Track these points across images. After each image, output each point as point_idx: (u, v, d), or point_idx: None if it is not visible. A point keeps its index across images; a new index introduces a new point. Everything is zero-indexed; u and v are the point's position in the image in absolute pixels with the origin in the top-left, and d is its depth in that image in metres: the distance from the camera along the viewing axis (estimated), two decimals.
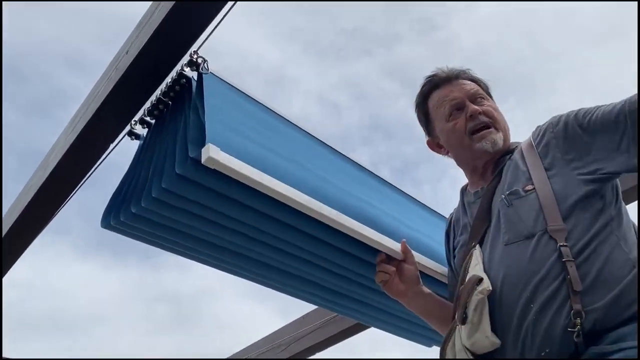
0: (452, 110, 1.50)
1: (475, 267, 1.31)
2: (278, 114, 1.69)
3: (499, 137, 1.45)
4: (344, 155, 1.84)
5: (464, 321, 1.24)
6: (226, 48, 1.57)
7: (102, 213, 1.63)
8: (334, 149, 1.82)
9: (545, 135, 1.36)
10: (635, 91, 1.19)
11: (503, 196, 1.35)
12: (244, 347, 3.48)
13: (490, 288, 1.23)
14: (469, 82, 1.54)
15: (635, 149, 1.17)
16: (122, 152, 1.90)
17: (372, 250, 1.66)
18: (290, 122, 1.72)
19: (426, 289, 1.60)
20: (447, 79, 1.54)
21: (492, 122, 1.47)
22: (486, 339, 1.20)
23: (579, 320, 1.09)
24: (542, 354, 1.13)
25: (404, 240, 1.64)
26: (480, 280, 1.25)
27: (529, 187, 1.31)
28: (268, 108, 1.67)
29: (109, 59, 1.80)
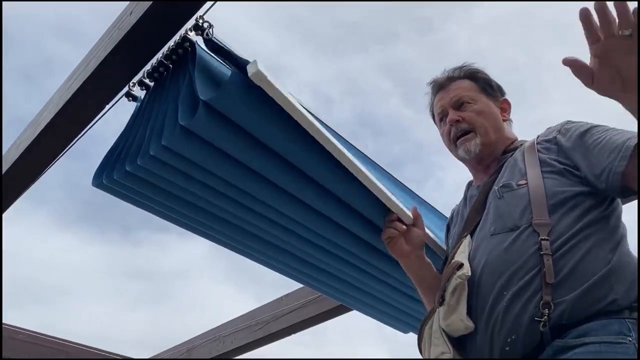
0: (441, 117, 1.58)
1: (461, 254, 1.36)
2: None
3: (474, 143, 1.50)
4: (350, 143, 1.83)
5: (441, 303, 1.30)
6: (222, 31, 1.57)
7: (86, 181, 1.62)
8: (340, 135, 1.81)
9: (552, 138, 1.40)
10: None
11: (496, 188, 1.40)
12: (220, 324, 3.49)
13: (469, 273, 1.28)
14: (461, 83, 1.57)
15: (613, 178, 1.20)
16: (109, 124, 1.89)
17: (366, 226, 1.69)
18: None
19: (427, 258, 1.63)
20: (441, 86, 1.60)
21: (472, 128, 1.51)
22: (460, 322, 1.25)
23: (547, 311, 1.13)
24: (509, 339, 1.17)
25: (415, 206, 1.66)
26: (461, 265, 1.30)
27: (522, 182, 1.36)
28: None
29: (99, 28, 1.79)
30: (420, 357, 1.37)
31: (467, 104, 1.53)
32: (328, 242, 1.75)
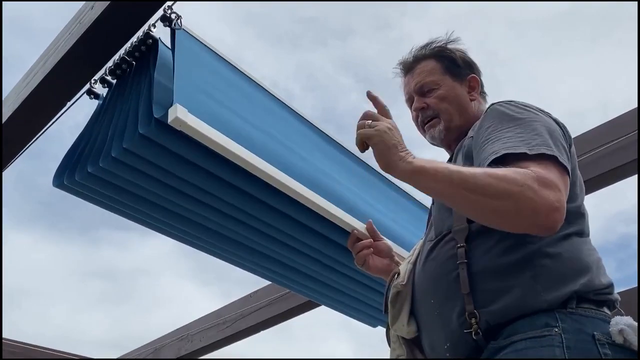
0: (409, 104, 1.51)
1: (405, 261, 1.37)
2: (252, 79, 1.67)
3: (437, 130, 1.43)
4: (313, 125, 1.83)
5: (385, 310, 1.31)
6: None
7: (42, 180, 1.59)
8: (305, 119, 1.81)
9: (476, 126, 1.31)
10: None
11: None
12: (187, 322, 3.45)
13: (404, 282, 1.27)
14: (426, 65, 1.49)
15: None
16: (64, 123, 1.84)
17: (332, 226, 1.68)
18: (264, 89, 1.70)
19: None
20: (407, 69, 1.53)
21: (437, 113, 1.44)
22: (403, 327, 1.27)
23: (474, 321, 1.10)
24: (445, 347, 1.16)
25: (370, 220, 1.62)
26: (397, 274, 1.31)
27: None
28: (242, 72, 1.65)
29: (53, 23, 1.74)
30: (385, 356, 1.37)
31: (432, 90, 1.46)
32: (294, 240, 1.75)
